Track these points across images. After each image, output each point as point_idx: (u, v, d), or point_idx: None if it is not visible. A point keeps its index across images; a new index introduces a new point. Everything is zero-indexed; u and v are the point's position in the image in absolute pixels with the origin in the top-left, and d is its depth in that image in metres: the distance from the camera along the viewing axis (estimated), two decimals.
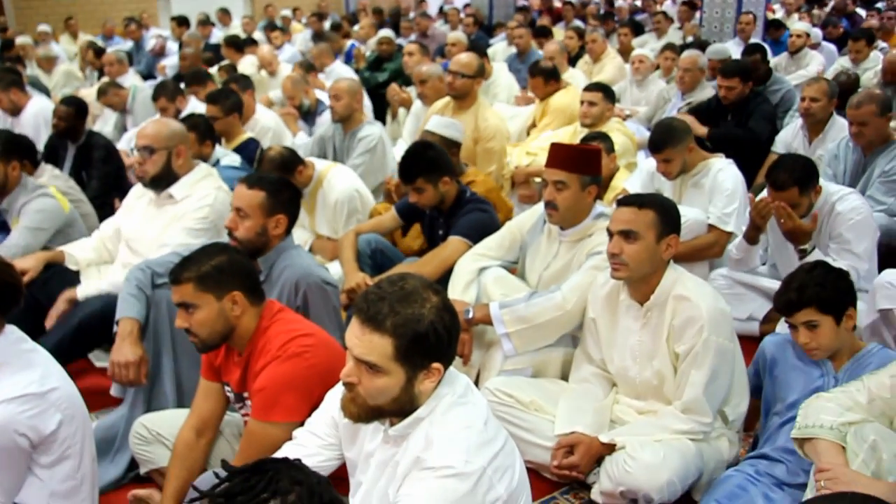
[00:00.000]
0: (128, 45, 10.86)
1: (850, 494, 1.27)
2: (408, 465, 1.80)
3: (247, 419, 2.47)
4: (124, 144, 5.90)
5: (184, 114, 5.36)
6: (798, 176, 3.36)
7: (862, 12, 12.27)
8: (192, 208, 3.42)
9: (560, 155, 3.14)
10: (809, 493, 2.13)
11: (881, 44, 8.52)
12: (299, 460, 1.51)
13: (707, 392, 2.62)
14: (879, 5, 12.87)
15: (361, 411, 1.82)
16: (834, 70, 6.77)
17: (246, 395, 2.45)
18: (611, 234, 2.71)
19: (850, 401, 2.19)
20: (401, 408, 1.82)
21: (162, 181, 3.46)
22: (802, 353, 2.55)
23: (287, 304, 2.66)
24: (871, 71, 6.82)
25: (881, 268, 3.54)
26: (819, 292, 2.38)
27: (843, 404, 2.18)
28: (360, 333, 1.75)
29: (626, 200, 2.75)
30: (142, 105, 6.55)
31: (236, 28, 11.68)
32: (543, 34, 8.66)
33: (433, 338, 1.76)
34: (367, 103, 6.27)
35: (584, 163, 3.13)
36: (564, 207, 3.14)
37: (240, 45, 8.67)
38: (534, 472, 2.83)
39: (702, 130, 5.29)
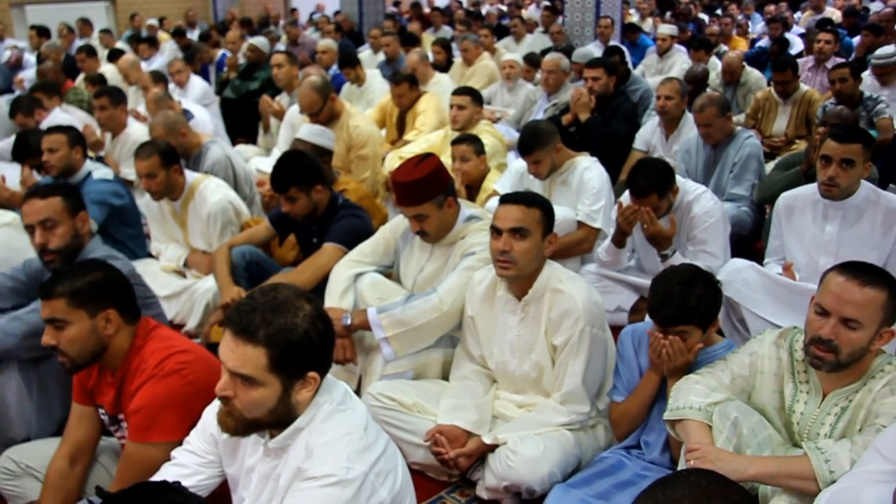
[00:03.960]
0: None
1: (695, 472, 1.37)
2: (289, 476, 1.80)
3: (123, 442, 2.39)
4: None
5: (45, 124, 5.16)
6: (656, 183, 3.57)
7: (706, 17, 13.03)
8: None
9: (405, 193, 3.12)
10: None
11: (723, 47, 9.12)
12: (178, 482, 1.47)
13: (584, 381, 2.72)
14: (718, 11, 13.71)
15: (239, 425, 1.80)
16: (681, 71, 7.19)
17: (121, 416, 2.38)
18: (499, 231, 2.75)
19: (716, 381, 2.34)
20: (279, 419, 1.81)
21: None
22: None
23: None
24: (713, 72, 7.30)
25: (733, 255, 3.79)
26: (699, 310, 2.48)
27: (709, 385, 2.32)
28: (233, 346, 1.73)
29: (513, 199, 2.80)
30: None
31: (95, 42, 11.18)
32: (411, 42, 8.74)
33: (308, 346, 1.75)
34: (204, 116, 6.12)
35: (429, 187, 3.10)
36: (434, 230, 3.18)
37: (113, 55, 8.35)
38: (420, 473, 2.87)
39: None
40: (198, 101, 6.85)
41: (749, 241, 4.59)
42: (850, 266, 2.15)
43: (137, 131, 5.41)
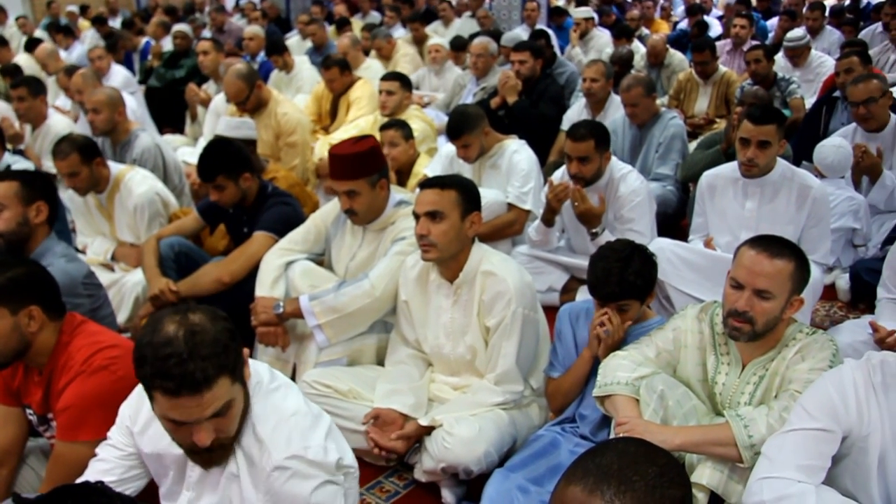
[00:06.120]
0: None
1: (623, 440, 1.42)
2: (248, 471, 1.80)
3: (53, 442, 2.34)
4: None
5: None
6: (596, 133, 3.71)
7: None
8: None
9: (340, 166, 3.11)
10: None
11: (645, 30, 9.30)
12: (101, 483, 1.45)
13: (518, 361, 2.76)
14: None
15: (229, 449, 1.80)
16: (607, 54, 7.33)
17: (50, 416, 2.33)
18: (417, 216, 2.78)
19: (642, 356, 2.41)
20: (245, 413, 1.82)
21: None
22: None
23: None
24: (637, 55, 7.46)
25: (659, 233, 3.91)
26: (638, 285, 2.56)
27: (635, 360, 2.40)
28: (195, 403, 1.65)
29: (429, 183, 2.83)
30: None
31: (11, 28, 10.78)
32: (342, 25, 8.68)
33: (234, 341, 1.73)
34: (131, 104, 6.00)
35: (366, 164, 3.11)
36: (363, 211, 3.17)
37: (30, 45, 8.06)
38: (357, 459, 2.88)
39: None
40: (120, 89, 6.67)
41: (674, 219, 4.72)
42: (760, 240, 2.25)
43: (59, 123, 5.27)
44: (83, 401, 2.20)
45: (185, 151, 5.63)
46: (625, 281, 2.53)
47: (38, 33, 10.10)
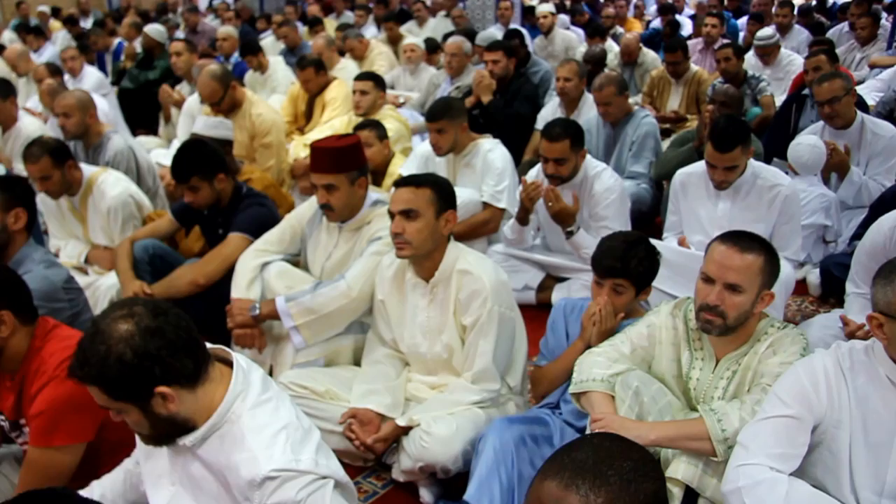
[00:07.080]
0: None
1: (598, 436, 1.44)
2: (241, 485, 1.77)
3: (26, 448, 2.32)
4: None
5: None
6: (571, 132, 3.73)
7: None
8: None
9: (322, 159, 3.11)
10: None
11: (619, 29, 9.36)
12: (66, 488, 1.45)
13: (494, 360, 2.77)
14: None
15: (151, 439, 1.80)
16: (580, 53, 7.37)
17: (23, 421, 2.31)
18: (392, 215, 2.79)
19: (617, 353, 2.43)
20: (175, 429, 1.78)
21: None
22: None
23: None
24: (611, 53, 7.53)
25: (634, 229, 3.94)
26: (639, 270, 2.62)
27: (610, 357, 2.41)
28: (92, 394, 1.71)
29: (403, 181, 2.84)
30: None
31: None
32: (314, 25, 8.64)
33: (129, 370, 1.65)
34: (103, 106, 5.97)
35: (347, 160, 3.12)
36: (339, 207, 3.16)
37: None
38: None
39: None
40: (93, 90, 6.62)
41: (649, 216, 4.77)
42: (730, 235, 2.28)
43: (30, 125, 5.19)
44: (56, 406, 2.18)
45: (159, 153, 5.60)
46: (626, 260, 2.61)
47: (7, 34, 9.98)
